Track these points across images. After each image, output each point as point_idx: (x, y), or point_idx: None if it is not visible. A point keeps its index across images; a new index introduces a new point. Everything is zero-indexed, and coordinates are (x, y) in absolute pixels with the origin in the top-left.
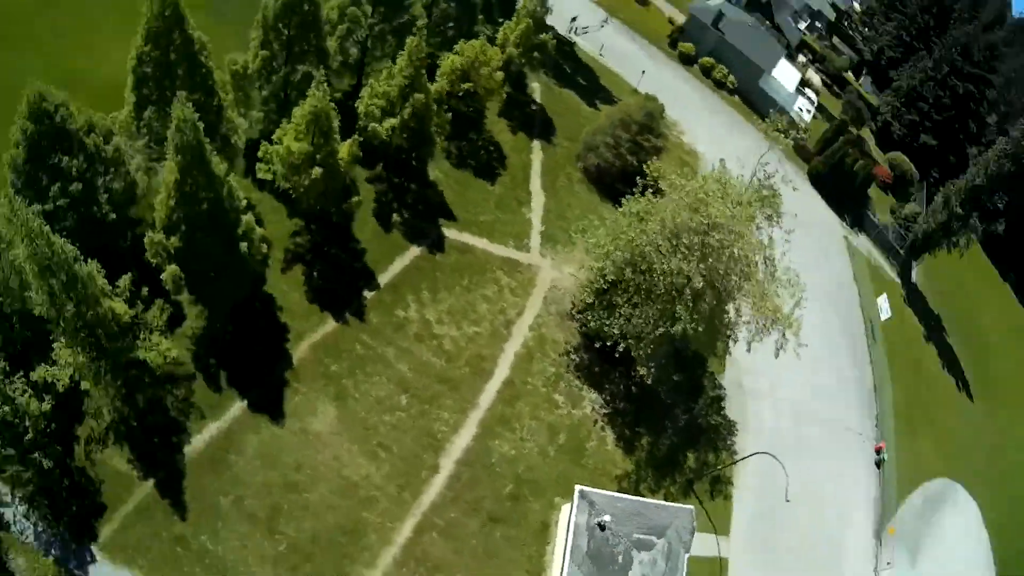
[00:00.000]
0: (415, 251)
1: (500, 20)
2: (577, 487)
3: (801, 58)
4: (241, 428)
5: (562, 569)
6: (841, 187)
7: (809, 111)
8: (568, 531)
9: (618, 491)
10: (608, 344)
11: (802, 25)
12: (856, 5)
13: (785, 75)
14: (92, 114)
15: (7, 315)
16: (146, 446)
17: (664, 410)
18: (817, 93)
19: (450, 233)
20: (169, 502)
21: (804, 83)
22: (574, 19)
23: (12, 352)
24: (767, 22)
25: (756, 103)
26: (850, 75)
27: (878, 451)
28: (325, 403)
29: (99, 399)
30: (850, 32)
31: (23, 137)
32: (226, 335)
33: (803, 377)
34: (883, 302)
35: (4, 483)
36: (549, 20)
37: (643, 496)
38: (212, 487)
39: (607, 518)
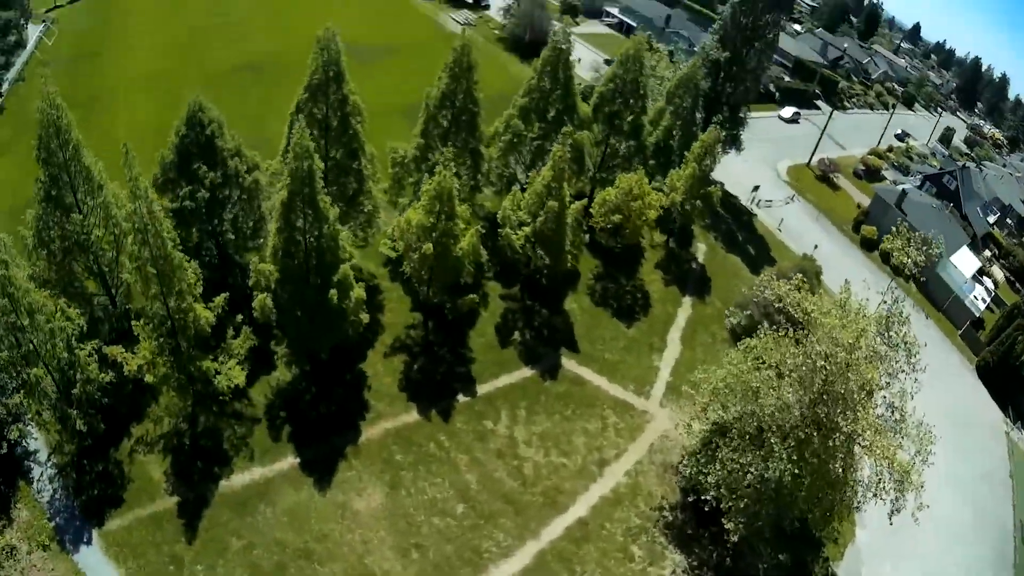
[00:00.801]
0: (525, 372)
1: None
2: None
3: (987, 252)
4: (283, 481)
5: None
6: (1011, 378)
7: (985, 300)
8: None
9: None
10: (703, 498)
11: (991, 218)
12: None
13: (965, 263)
14: (241, 143)
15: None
16: (188, 466)
17: None
18: (996, 285)
19: (568, 364)
20: (183, 523)
21: (984, 273)
22: (756, 188)
23: (104, 327)
24: (955, 210)
25: (931, 290)
26: None
27: None
28: (376, 486)
29: (166, 407)
30: None
31: (176, 139)
32: (307, 393)
33: None
34: None
35: (45, 437)
36: (732, 189)
37: None
38: (230, 525)
39: None
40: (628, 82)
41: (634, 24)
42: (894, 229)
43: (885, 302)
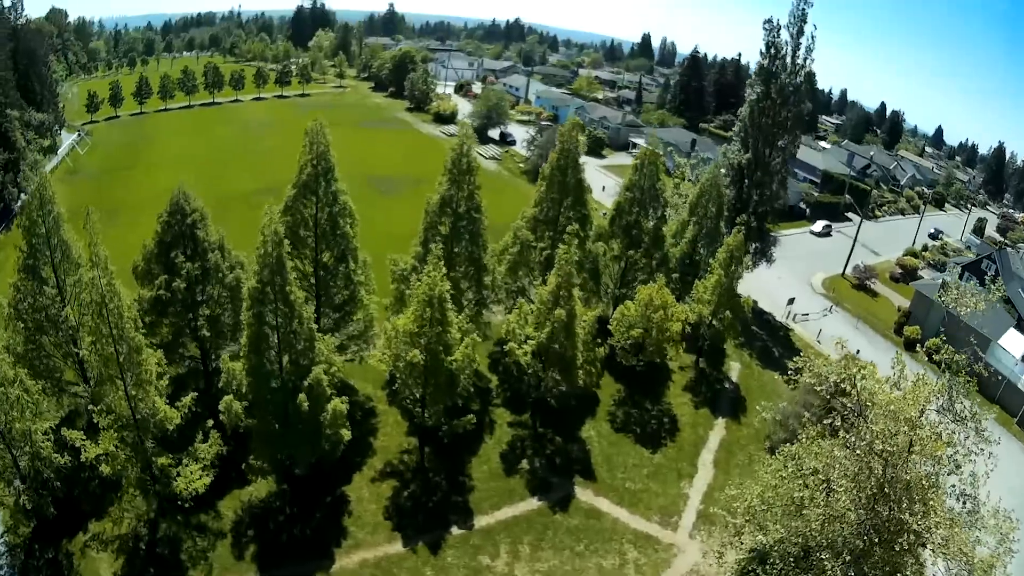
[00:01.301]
0: (533, 503)
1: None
2: None
3: None
4: None
5: None
6: None
7: None
8: None
9: None
10: None
11: None
12: None
13: (1014, 345)
14: (224, 238)
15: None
16: (140, 572)
17: None
18: None
19: (583, 494)
20: None
21: None
22: (791, 301)
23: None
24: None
25: (981, 379)
26: None
27: None
28: None
29: (127, 507)
30: None
31: (158, 226)
32: (280, 513)
33: None
34: None
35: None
36: (766, 306)
37: None
38: None
39: None
40: (646, 189)
41: (660, 152)
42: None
43: (944, 372)
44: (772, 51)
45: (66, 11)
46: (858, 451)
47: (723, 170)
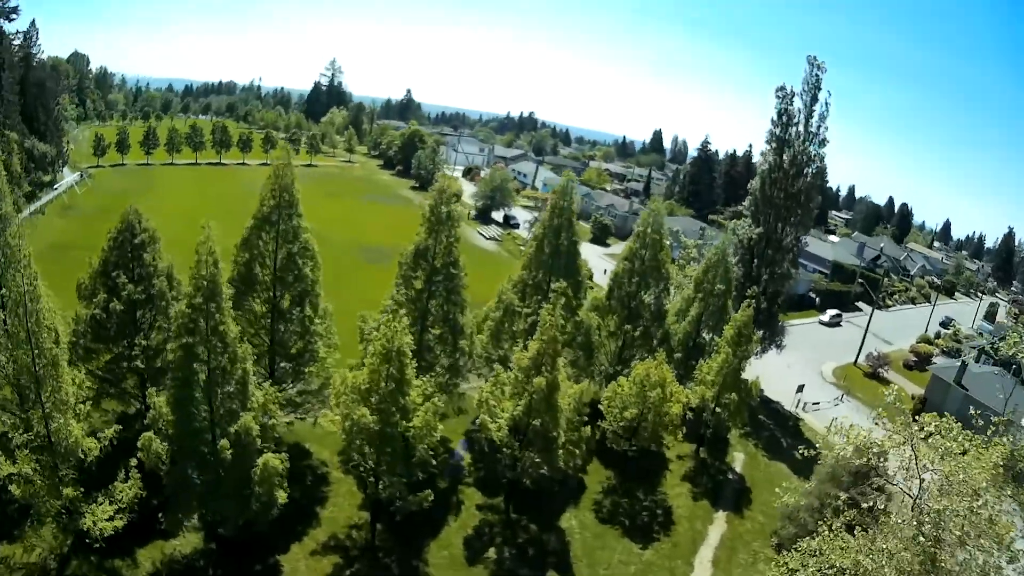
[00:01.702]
0: None
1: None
2: None
3: None
4: None
5: None
6: None
7: None
8: None
9: None
10: None
11: None
12: None
13: None
14: (172, 265)
15: None
16: None
17: None
18: None
19: None
20: None
21: None
22: (800, 388)
23: None
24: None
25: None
26: None
27: None
28: None
29: (41, 537)
30: None
31: (106, 243)
32: (203, 573)
33: None
34: None
35: None
36: (774, 396)
37: None
38: None
39: None
40: (647, 260)
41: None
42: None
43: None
44: (784, 119)
45: (88, 57)
46: (910, 538)
47: (731, 247)
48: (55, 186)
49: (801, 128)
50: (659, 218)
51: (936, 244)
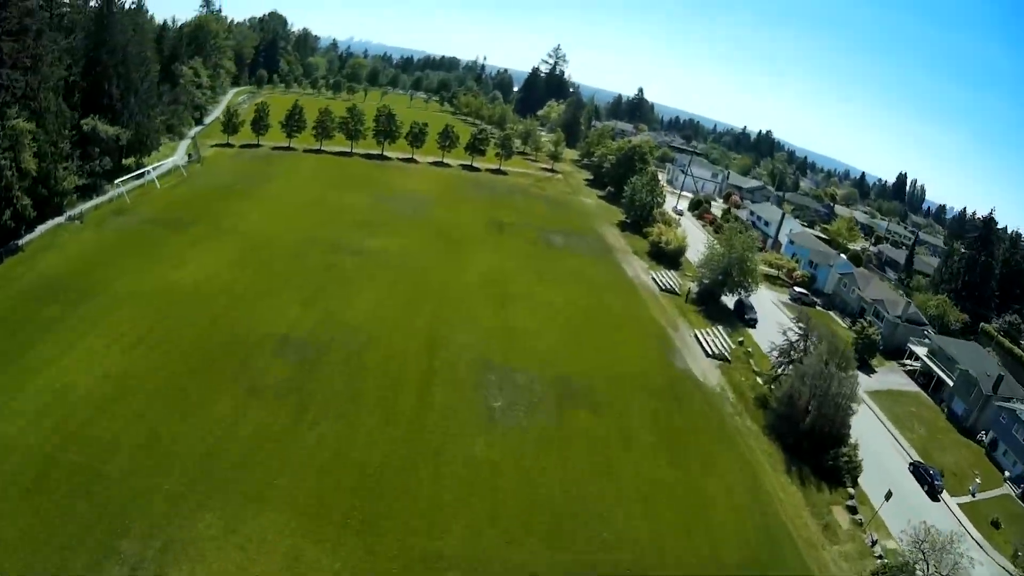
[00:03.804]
0: None
1: None
2: None
3: None
4: None
5: None
6: None
7: None
8: None
9: None
10: None
11: None
12: None
13: None
14: None
15: None
16: None
17: None
18: None
19: None
20: None
21: None
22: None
23: None
24: None
25: None
26: None
27: None
28: None
29: None
30: None
31: None
32: None
33: None
34: None
35: None
36: None
37: None
38: None
39: None
40: None
41: (945, 377)
42: None
43: None
44: None
45: (286, 18)
46: None
47: None
48: (120, 182)
49: None
50: None
51: None
